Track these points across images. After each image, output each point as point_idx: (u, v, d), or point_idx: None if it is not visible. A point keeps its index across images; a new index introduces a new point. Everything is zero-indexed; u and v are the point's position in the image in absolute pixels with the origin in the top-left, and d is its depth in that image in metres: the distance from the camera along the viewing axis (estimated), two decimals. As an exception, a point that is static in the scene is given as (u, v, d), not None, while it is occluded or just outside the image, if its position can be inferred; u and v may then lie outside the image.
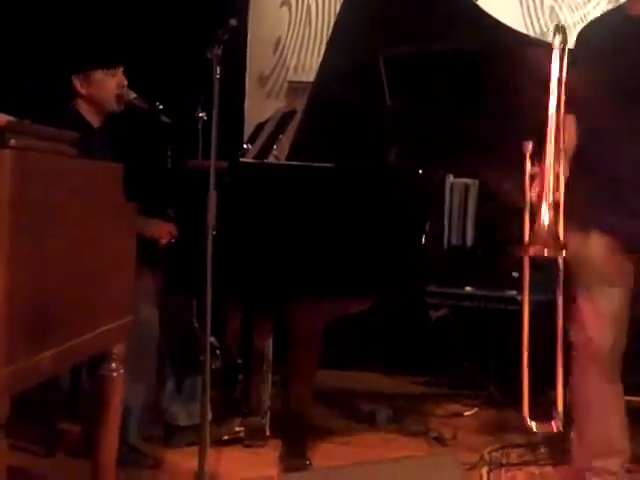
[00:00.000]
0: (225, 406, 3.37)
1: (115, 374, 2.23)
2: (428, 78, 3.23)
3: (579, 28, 2.72)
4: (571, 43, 2.47)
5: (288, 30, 4.90)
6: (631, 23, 2.50)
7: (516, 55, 3.13)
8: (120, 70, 3.12)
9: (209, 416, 2.59)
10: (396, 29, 3.09)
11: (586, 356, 2.54)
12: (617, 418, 2.56)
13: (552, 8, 4.54)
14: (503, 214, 3.73)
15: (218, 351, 3.81)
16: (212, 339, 3.53)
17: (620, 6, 2.66)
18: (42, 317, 1.73)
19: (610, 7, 2.85)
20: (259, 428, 3.17)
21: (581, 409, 2.58)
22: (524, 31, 4.22)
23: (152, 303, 2.98)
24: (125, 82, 3.12)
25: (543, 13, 4.55)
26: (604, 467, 2.53)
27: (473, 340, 4.25)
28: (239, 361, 3.56)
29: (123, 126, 3.25)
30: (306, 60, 4.82)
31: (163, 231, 3.04)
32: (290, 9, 4.90)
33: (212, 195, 2.59)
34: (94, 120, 3.09)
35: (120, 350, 2.23)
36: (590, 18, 2.90)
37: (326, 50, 3.23)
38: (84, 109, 3.06)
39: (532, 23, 4.56)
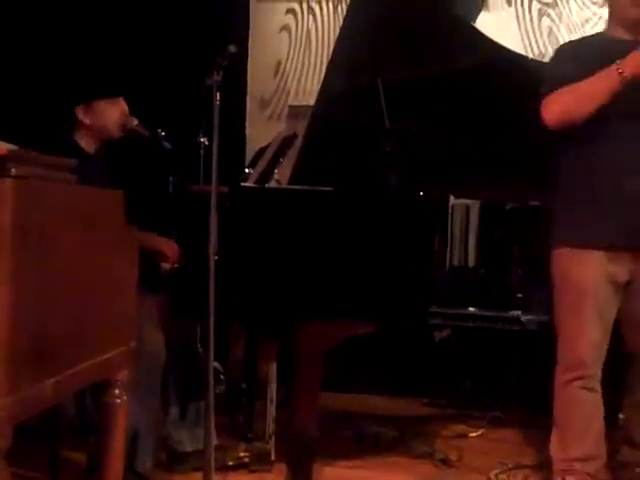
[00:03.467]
0: (230, 431, 3.36)
1: (118, 401, 2.23)
2: (427, 100, 3.25)
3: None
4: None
5: (288, 54, 4.94)
6: (614, 43, 2.57)
7: (515, 76, 3.16)
8: (121, 98, 3.15)
9: (214, 441, 2.59)
10: (395, 53, 3.11)
11: (574, 374, 2.61)
12: (597, 424, 2.65)
13: (550, 29, 4.57)
14: (505, 234, 3.75)
15: (222, 376, 3.81)
16: (216, 364, 3.54)
17: (601, 32, 2.76)
18: (44, 345, 1.73)
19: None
20: (264, 453, 3.16)
21: (563, 415, 2.67)
22: (523, 52, 4.24)
23: (158, 328, 2.98)
24: (127, 110, 3.15)
25: (541, 34, 4.58)
26: (583, 470, 2.64)
27: (477, 360, 4.25)
28: (243, 386, 3.55)
29: (125, 152, 3.27)
30: (306, 84, 4.86)
31: (168, 247, 3.03)
32: (290, 34, 4.94)
33: (213, 220, 2.61)
34: (90, 147, 3.10)
35: (123, 377, 2.23)
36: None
37: (326, 74, 3.24)
38: (83, 137, 3.07)
39: (530, 44, 4.59)
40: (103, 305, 2.06)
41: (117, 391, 2.22)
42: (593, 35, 2.87)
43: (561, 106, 2.50)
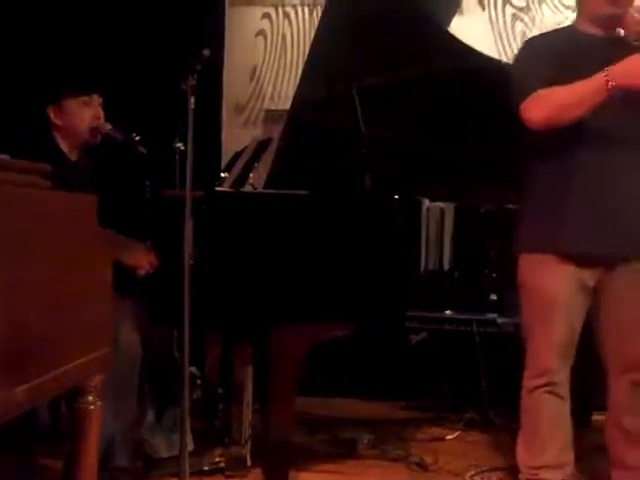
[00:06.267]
0: (206, 436, 3.35)
1: (92, 407, 2.21)
2: (401, 104, 3.26)
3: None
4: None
5: (264, 59, 4.94)
6: (585, 38, 2.55)
7: (489, 80, 3.18)
8: (96, 101, 3.13)
9: (190, 446, 2.58)
10: (369, 57, 3.12)
11: (541, 380, 2.59)
12: (564, 431, 2.64)
13: (524, 33, 4.59)
14: (479, 237, 3.77)
15: (198, 381, 3.80)
16: (193, 369, 3.53)
17: (568, 26, 2.73)
18: (16, 350, 1.72)
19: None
20: (240, 458, 3.15)
21: (529, 422, 2.66)
22: (496, 56, 4.27)
23: (134, 332, 2.96)
24: (101, 114, 3.13)
25: (515, 38, 4.61)
26: (550, 478, 2.63)
27: (454, 363, 4.26)
28: (219, 390, 3.55)
29: (99, 157, 3.25)
30: (282, 88, 4.86)
31: (143, 261, 3.03)
32: (265, 38, 4.94)
33: (188, 224, 2.60)
34: (71, 152, 3.09)
35: (97, 382, 2.22)
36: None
37: (301, 78, 3.25)
38: (60, 140, 3.07)
39: (504, 48, 4.63)
40: (77, 310, 2.04)
41: (91, 397, 2.21)
42: (560, 29, 2.81)
43: (547, 110, 2.45)
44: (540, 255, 2.57)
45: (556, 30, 2.85)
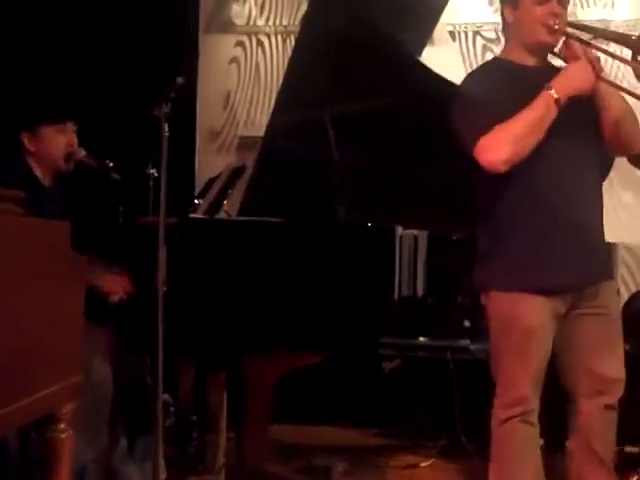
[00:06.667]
0: (179, 464, 3.32)
1: (64, 435, 2.19)
2: (375, 132, 3.29)
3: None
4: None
5: (237, 86, 4.97)
6: (523, 70, 2.53)
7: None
8: (70, 128, 3.13)
9: (163, 475, 2.56)
10: (342, 85, 3.14)
11: (516, 410, 2.55)
12: (535, 458, 2.61)
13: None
14: (452, 264, 3.79)
15: (172, 408, 3.77)
16: (166, 396, 3.51)
17: (499, 57, 2.68)
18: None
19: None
20: (214, 486, 3.13)
21: (501, 451, 2.61)
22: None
23: (105, 360, 2.95)
24: (75, 141, 3.13)
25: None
26: None
27: (428, 390, 4.27)
28: (193, 418, 3.52)
29: (73, 183, 3.25)
30: (256, 116, 4.89)
31: (117, 286, 3.01)
32: (239, 66, 4.98)
33: (162, 251, 2.60)
34: (45, 178, 3.08)
35: (69, 410, 2.20)
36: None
37: (275, 106, 3.27)
38: (34, 166, 3.06)
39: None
40: (48, 338, 2.03)
41: (62, 425, 2.19)
42: (492, 62, 2.75)
43: (506, 149, 2.40)
44: (517, 293, 2.51)
45: (488, 63, 2.79)
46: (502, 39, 2.73)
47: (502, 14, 2.58)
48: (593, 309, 2.57)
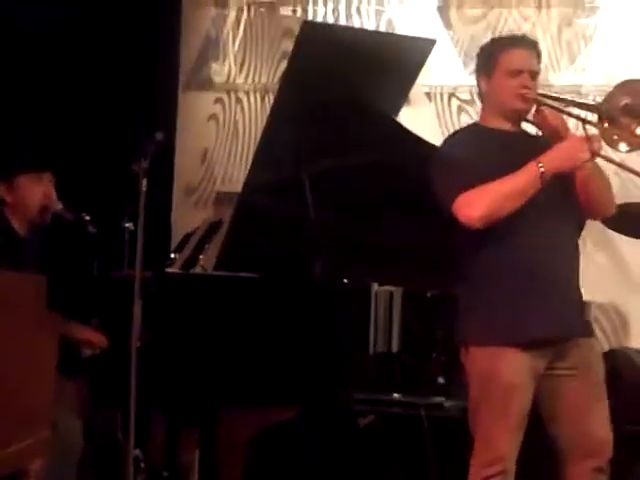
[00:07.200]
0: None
1: (33, 491, 2.17)
2: (351, 190, 3.33)
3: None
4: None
5: (215, 142, 5.01)
6: (499, 135, 2.60)
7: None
8: (47, 179, 3.14)
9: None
10: (320, 144, 3.19)
11: (495, 469, 2.52)
12: None
13: (467, 124, 4.76)
14: (427, 321, 3.81)
15: (142, 464, 3.72)
16: (137, 451, 3.46)
17: (475, 123, 2.76)
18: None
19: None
20: None
21: None
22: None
23: (75, 415, 2.91)
24: (52, 192, 3.14)
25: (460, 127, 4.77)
26: None
27: (402, 446, 4.24)
28: (165, 474, 3.47)
29: (49, 236, 3.24)
30: (233, 171, 4.92)
31: (93, 337, 2.99)
32: (217, 122, 5.02)
33: (137, 305, 2.60)
34: (21, 228, 3.07)
35: (37, 466, 2.17)
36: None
37: (252, 163, 3.31)
38: (10, 216, 3.05)
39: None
40: (19, 391, 2.01)
41: (31, 481, 2.16)
42: (469, 128, 2.83)
43: (483, 207, 2.45)
44: (496, 347, 2.51)
45: (466, 128, 2.88)
46: (477, 101, 2.81)
47: (477, 83, 2.67)
48: (572, 370, 2.56)
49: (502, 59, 2.57)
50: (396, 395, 3.99)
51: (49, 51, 4.55)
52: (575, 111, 2.68)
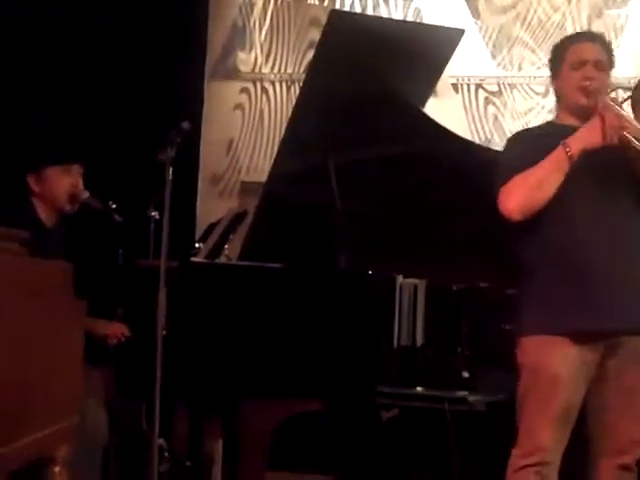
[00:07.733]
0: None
1: (59, 479, 2.17)
2: (377, 181, 3.31)
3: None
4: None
5: (241, 132, 5.00)
6: (561, 129, 2.61)
7: (462, 160, 3.25)
8: (75, 170, 3.15)
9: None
10: (346, 134, 3.17)
11: (532, 459, 2.50)
12: None
13: (495, 117, 4.72)
14: (452, 314, 3.79)
15: (166, 453, 3.73)
16: (160, 440, 3.47)
17: (551, 120, 2.79)
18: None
19: (550, 117, 2.96)
20: (208, 534, 3.09)
21: None
22: (469, 138, 4.36)
23: (100, 405, 2.92)
24: (80, 182, 3.15)
25: (487, 121, 4.73)
26: None
27: (425, 440, 4.22)
28: (188, 464, 3.48)
29: (75, 224, 3.26)
30: (258, 161, 4.91)
31: (114, 330, 3.01)
32: (243, 112, 5.02)
33: (162, 294, 2.60)
34: (49, 219, 3.10)
35: (65, 453, 2.18)
36: (531, 125, 3.01)
37: (278, 153, 3.30)
38: (39, 207, 3.07)
39: (477, 130, 4.74)
40: (47, 378, 2.02)
41: (58, 468, 2.17)
42: (543, 124, 2.88)
43: (518, 199, 2.49)
44: (545, 336, 2.52)
45: (539, 126, 2.92)
46: (504, 92, 2.81)
47: (552, 84, 2.74)
48: (619, 365, 2.52)
49: (567, 56, 2.64)
50: (420, 389, 3.96)
51: (77, 42, 4.57)
52: None
